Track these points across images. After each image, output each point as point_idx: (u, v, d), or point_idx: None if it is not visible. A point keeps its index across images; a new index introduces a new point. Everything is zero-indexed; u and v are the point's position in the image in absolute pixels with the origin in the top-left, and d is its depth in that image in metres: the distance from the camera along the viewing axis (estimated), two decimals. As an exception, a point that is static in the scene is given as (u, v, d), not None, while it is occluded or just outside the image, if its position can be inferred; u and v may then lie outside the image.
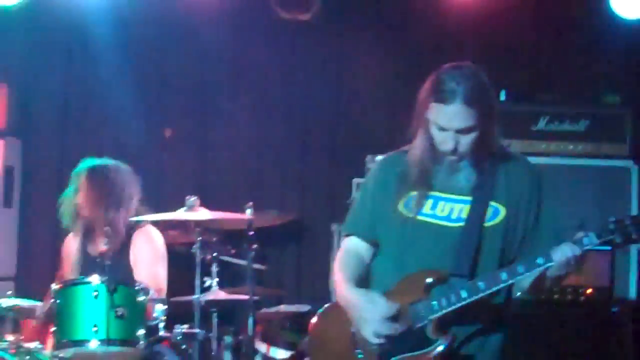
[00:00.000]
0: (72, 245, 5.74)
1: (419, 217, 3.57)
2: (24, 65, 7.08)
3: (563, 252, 3.27)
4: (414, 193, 3.59)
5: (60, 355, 4.90)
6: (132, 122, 7.01)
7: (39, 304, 5.41)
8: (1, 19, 6.79)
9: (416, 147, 3.58)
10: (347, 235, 3.83)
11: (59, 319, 4.93)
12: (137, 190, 5.68)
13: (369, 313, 3.46)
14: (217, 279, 5.49)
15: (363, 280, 3.69)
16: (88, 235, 5.64)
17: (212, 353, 5.54)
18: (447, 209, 3.59)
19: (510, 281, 3.38)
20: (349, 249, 3.80)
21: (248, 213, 5.39)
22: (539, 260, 3.31)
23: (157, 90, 7.12)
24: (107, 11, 6.73)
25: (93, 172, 5.62)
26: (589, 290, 5.72)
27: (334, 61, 7.00)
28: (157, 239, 5.64)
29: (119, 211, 5.49)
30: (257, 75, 7.06)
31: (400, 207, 3.61)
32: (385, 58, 6.81)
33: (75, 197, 5.63)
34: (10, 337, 5.15)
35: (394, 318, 3.45)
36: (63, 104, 7.12)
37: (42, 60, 7.10)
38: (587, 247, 3.31)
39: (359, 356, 3.57)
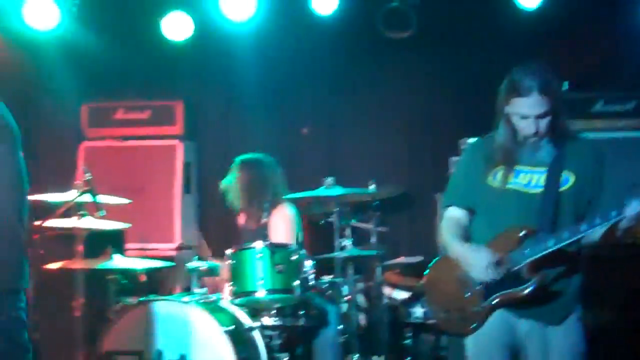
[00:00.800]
0: (240, 220, 6.07)
1: (506, 186, 3.67)
2: (194, 85, 7.34)
3: (633, 207, 3.31)
4: (500, 168, 3.69)
5: (236, 302, 5.29)
6: (277, 123, 7.33)
7: (217, 265, 5.72)
8: (174, 51, 7.05)
9: (500, 134, 3.70)
10: (447, 206, 3.93)
11: (233, 276, 5.28)
12: (280, 176, 5.97)
13: (476, 260, 3.58)
14: (350, 240, 5.64)
15: (465, 240, 3.77)
16: (247, 212, 5.95)
17: (349, 296, 5.67)
18: (527, 179, 3.67)
19: (589, 231, 3.43)
20: (451, 217, 3.88)
21: (371, 188, 5.76)
22: (613, 213, 3.35)
23: (293, 97, 7.34)
24: (252, 40, 6.90)
25: (246, 163, 5.98)
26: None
27: (431, 65, 7.08)
28: (291, 213, 5.83)
29: (268, 193, 5.75)
30: (370, 80, 7.22)
31: (489, 179, 3.72)
32: (470, 61, 6.85)
33: (234, 183, 5.97)
34: (197, 291, 5.50)
35: (496, 264, 3.55)
36: (224, 113, 7.44)
37: (207, 80, 7.38)
38: None
39: (466, 295, 3.68)
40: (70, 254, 5.33)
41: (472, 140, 6.07)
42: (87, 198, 5.18)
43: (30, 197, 5.50)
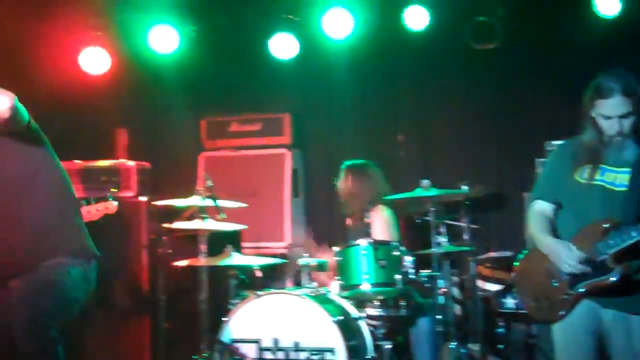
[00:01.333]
0: (347, 220, 6.15)
1: (593, 182, 3.67)
2: (299, 99, 7.41)
3: None
4: (587, 166, 3.69)
5: (343, 294, 5.35)
6: (375, 131, 7.32)
7: (326, 261, 5.79)
8: (281, 69, 7.10)
9: (586, 135, 3.71)
10: (535, 200, 3.93)
11: (340, 270, 5.38)
12: (380, 179, 6.06)
13: (566, 256, 3.59)
14: (445, 237, 5.59)
15: (551, 232, 3.78)
16: (353, 213, 6.03)
17: (445, 289, 5.60)
18: (612, 177, 3.65)
19: None
20: (538, 210, 3.88)
21: (464, 189, 5.66)
22: None
23: (389, 107, 7.31)
24: (350, 55, 6.94)
25: (351, 168, 6.08)
26: None
27: (516, 73, 6.94)
28: (387, 214, 5.89)
29: (370, 195, 5.85)
30: (460, 89, 7.14)
31: (576, 176, 3.71)
32: (553, 69, 6.72)
33: (341, 187, 6.09)
34: (308, 284, 5.57)
35: (583, 259, 3.56)
36: (327, 123, 7.48)
37: (311, 94, 7.44)
38: None
39: (554, 284, 3.70)
40: (195, 253, 5.48)
41: (556, 142, 6.08)
42: (208, 203, 5.37)
43: (159, 203, 5.80)
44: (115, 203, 5.26)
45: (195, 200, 5.37)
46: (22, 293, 3.70)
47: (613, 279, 3.54)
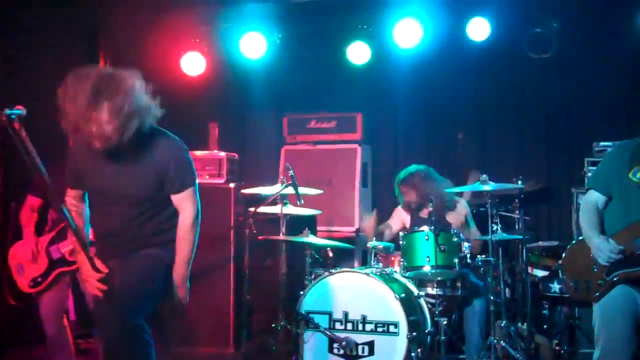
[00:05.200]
0: (401, 211, 6.09)
1: None
2: (370, 100, 7.36)
3: None
4: None
5: (406, 275, 5.39)
6: (436, 130, 7.29)
7: (392, 244, 5.84)
8: (355, 73, 7.14)
9: None
10: (588, 189, 3.90)
11: (404, 253, 5.43)
12: (434, 179, 5.90)
13: (602, 247, 3.66)
14: (500, 226, 5.53)
15: (598, 222, 3.79)
16: (416, 207, 5.99)
17: (498, 273, 5.58)
18: None
19: None
20: (589, 201, 3.85)
21: (518, 183, 5.60)
22: None
23: (450, 109, 7.21)
24: (417, 62, 6.94)
25: (407, 177, 5.94)
26: None
27: (567, 82, 6.90)
28: (464, 207, 5.92)
29: (434, 193, 5.66)
30: (516, 93, 7.10)
31: (630, 175, 3.66)
32: (601, 76, 6.63)
33: (401, 191, 5.97)
34: (375, 264, 5.58)
35: (617, 253, 3.60)
36: (394, 123, 7.41)
37: (381, 96, 7.42)
38: None
39: (594, 270, 3.73)
40: (277, 234, 5.52)
41: (603, 143, 6.11)
42: (289, 190, 5.38)
43: (247, 190, 5.88)
44: None
45: (277, 188, 5.39)
46: (120, 280, 3.64)
47: None
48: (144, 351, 3.51)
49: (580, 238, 3.89)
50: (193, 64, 7.25)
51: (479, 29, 6.62)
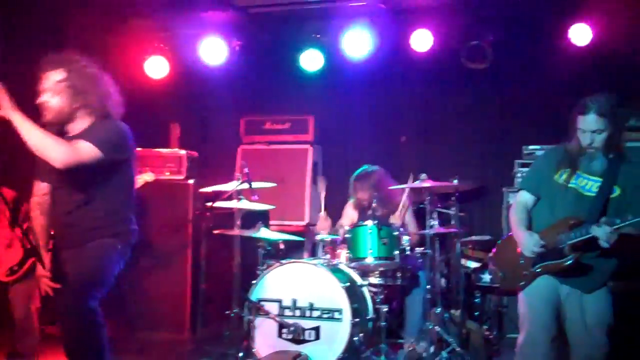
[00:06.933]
0: (350, 209, 6.13)
1: (568, 185, 3.70)
2: (322, 104, 7.33)
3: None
4: (566, 170, 3.72)
5: (351, 265, 5.39)
6: (382, 133, 7.22)
7: (336, 237, 5.71)
8: (308, 78, 7.16)
9: (570, 144, 3.71)
10: (520, 190, 3.94)
11: (350, 246, 5.43)
12: (388, 180, 5.95)
13: (527, 242, 3.69)
14: (437, 221, 5.55)
15: (528, 220, 3.81)
16: (362, 204, 5.94)
17: (433, 265, 5.52)
18: (584, 183, 3.67)
19: (622, 224, 3.42)
20: (520, 201, 3.88)
21: (454, 182, 5.61)
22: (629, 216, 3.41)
23: (395, 113, 7.27)
24: (365, 70, 6.95)
25: (364, 175, 5.98)
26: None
27: (501, 90, 6.95)
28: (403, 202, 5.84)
29: (381, 193, 5.69)
30: (455, 100, 7.12)
31: (556, 177, 3.73)
32: (532, 86, 6.72)
33: (355, 188, 6.01)
34: (322, 256, 5.59)
35: (541, 247, 3.64)
36: (344, 125, 7.42)
37: (331, 101, 7.33)
38: None
39: (521, 262, 3.78)
40: (232, 227, 5.52)
41: (532, 147, 6.21)
42: (244, 186, 5.37)
43: (205, 189, 5.85)
44: (152, 174, 5.63)
45: (233, 184, 5.38)
46: (73, 265, 3.73)
47: (567, 263, 3.62)
48: (96, 332, 3.57)
49: (510, 233, 3.93)
50: (156, 67, 7.22)
51: (422, 41, 6.67)
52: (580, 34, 6.27)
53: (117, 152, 3.70)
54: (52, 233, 3.87)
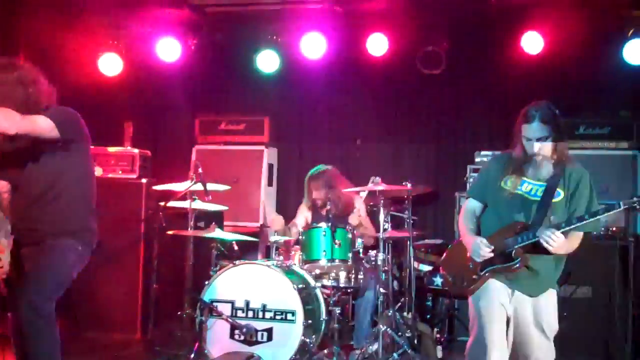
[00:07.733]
0: (304, 209, 6.15)
1: (514, 191, 3.72)
2: (277, 105, 7.36)
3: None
4: (511, 176, 3.74)
5: (305, 267, 5.40)
6: (338, 135, 7.33)
7: (290, 239, 5.80)
8: (264, 79, 7.11)
9: (515, 152, 3.74)
10: (468, 197, 3.99)
11: (303, 247, 5.44)
12: (342, 179, 6.00)
13: (475, 247, 3.71)
14: (390, 224, 5.61)
15: (477, 226, 3.86)
16: (316, 204, 6.00)
17: (387, 267, 5.57)
18: (529, 188, 3.70)
19: (567, 228, 3.50)
20: (468, 208, 3.92)
21: (408, 186, 5.63)
22: (573, 220, 3.51)
23: (350, 116, 7.32)
24: (321, 72, 6.93)
25: (318, 174, 5.99)
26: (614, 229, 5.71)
27: (455, 96, 7.07)
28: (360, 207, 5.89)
29: (335, 192, 5.78)
30: (409, 105, 7.21)
31: (502, 184, 3.76)
32: (485, 93, 6.86)
33: (310, 188, 5.99)
34: (276, 257, 5.63)
35: (491, 251, 3.66)
36: (299, 127, 7.49)
37: (287, 102, 7.43)
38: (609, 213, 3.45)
39: (470, 267, 3.79)
40: (185, 227, 5.46)
41: (484, 152, 6.30)
42: (198, 187, 5.32)
43: (158, 187, 5.80)
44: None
45: (187, 184, 5.34)
46: (32, 264, 3.71)
47: (514, 266, 3.67)
48: (50, 332, 3.56)
49: (460, 238, 3.96)
50: (110, 64, 7.10)
51: (377, 45, 6.68)
52: (533, 43, 6.34)
53: (72, 132, 3.69)
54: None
